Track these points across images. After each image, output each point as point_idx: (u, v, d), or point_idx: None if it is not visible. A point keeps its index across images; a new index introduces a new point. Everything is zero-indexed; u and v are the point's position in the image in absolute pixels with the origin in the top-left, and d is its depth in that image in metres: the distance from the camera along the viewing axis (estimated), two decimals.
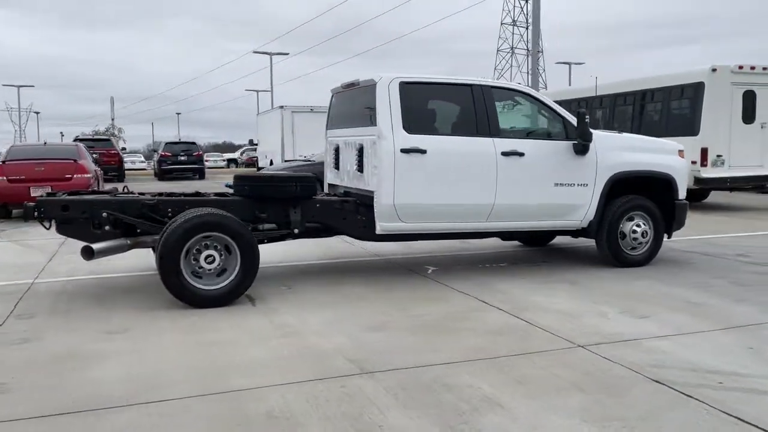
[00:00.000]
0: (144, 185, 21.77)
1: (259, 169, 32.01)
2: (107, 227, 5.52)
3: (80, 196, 5.84)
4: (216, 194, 6.45)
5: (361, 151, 6.30)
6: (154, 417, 3.15)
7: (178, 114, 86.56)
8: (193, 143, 30.18)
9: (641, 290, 5.83)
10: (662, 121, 12.97)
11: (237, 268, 5.32)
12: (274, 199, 5.97)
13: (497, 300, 5.47)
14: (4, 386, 3.55)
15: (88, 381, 3.63)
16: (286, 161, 22.11)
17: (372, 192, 6.08)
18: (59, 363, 3.94)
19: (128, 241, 5.57)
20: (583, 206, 6.64)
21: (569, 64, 55.03)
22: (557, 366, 3.85)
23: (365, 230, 6.25)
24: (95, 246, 5.28)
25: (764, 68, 12.54)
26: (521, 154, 6.30)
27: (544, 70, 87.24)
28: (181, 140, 30.81)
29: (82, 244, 5.43)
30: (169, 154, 28.29)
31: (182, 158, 28.26)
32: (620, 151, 6.78)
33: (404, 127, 5.95)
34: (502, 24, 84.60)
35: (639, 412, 3.19)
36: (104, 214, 5.52)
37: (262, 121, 31.39)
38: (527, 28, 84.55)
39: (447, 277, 6.39)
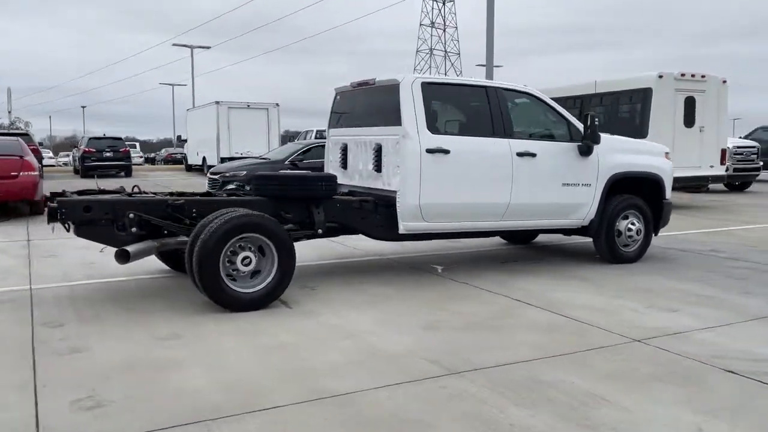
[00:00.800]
0: (72, 183, 20.62)
1: (191, 167, 31.06)
2: (133, 229, 5.25)
3: (102, 196, 5.52)
4: (228, 194, 6.28)
5: (379, 151, 6.29)
6: (280, 425, 3.06)
7: (83, 107, 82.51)
8: (119, 139, 28.83)
9: (648, 285, 6.14)
10: (611, 124, 13.62)
11: (274, 270, 5.20)
12: (298, 199, 5.88)
13: (524, 297, 5.62)
14: (94, 399, 3.34)
15: (180, 391, 3.47)
16: (236, 157, 21.62)
17: (393, 192, 6.10)
18: (133, 373, 3.74)
19: (156, 243, 5.32)
20: (586, 205, 6.93)
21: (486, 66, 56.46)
22: (631, 360, 4.03)
23: (382, 230, 6.26)
24: (131, 249, 5.01)
25: (702, 76, 13.43)
26: (533, 155, 6.50)
27: (460, 72, 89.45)
28: (106, 135, 29.29)
29: (47, 245, 5.15)
30: (93, 150, 26.90)
31: (108, 154, 26.94)
32: (618, 153, 7.11)
33: (428, 127, 6.00)
34: (421, 25, 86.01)
35: (733, 401, 3.40)
36: (131, 215, 5.24)
37: (193, 117, 30.47)
38: (444, 30, 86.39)
39: (461, 276, 6.49)
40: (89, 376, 3.67)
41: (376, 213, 6.23)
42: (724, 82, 13.79)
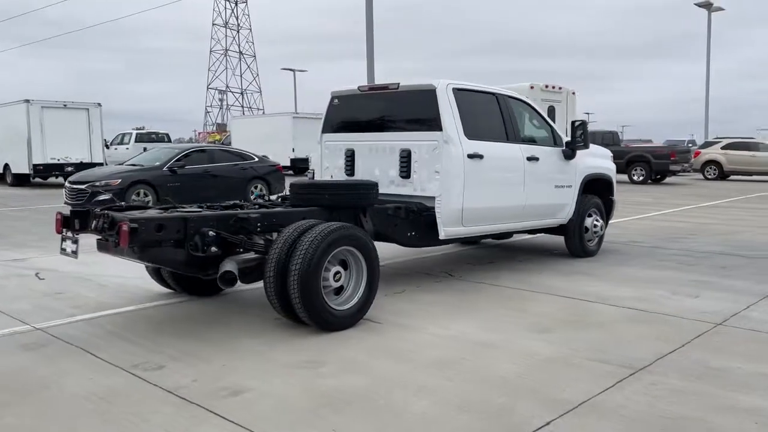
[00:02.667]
0: None
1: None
2: (213, 248, 4.57)
3: (171, 213, 4.71)
4: (270, 204, 5.78)
5: (407, 157, 6.19)
6: None
7: None
8: None
9: (638, 275, 6.83)
10: None
11: (363, 284, 4.90)
12: (348, 207, 5.58)
13: (566, 293, 5.94)
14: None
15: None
16: (54, 164, 19.01)
17: (429, 198, 6.06)
18: (368, 401, 3.33)
19: (236, 263, 4.69)
20: (568, 205, 7.49)
21: (293, 70, 56.59)
22: (741, 341, 4.52)
23: (413, 237, 6.17)
24: (233, 269, 4.37)
25: (559, 87, 15.03)
26: (537, 159, 6.88)
27: (257, 75, 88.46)
28: None
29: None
30: None
31: None
32: (587, 156, 7.78)
33: (465, 133, 6.06)
34: (213, 25, 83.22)
35: None
36: (211, 233, 4.56)
37: None
38: (238, 31, 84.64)
39: (479, 278, 6.63)
40: (315, 414, 3.20)
41: (407, 220, 6.12)
42: (574, 93, 15.56)
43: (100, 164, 23.00)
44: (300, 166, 27.40)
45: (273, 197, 6.19)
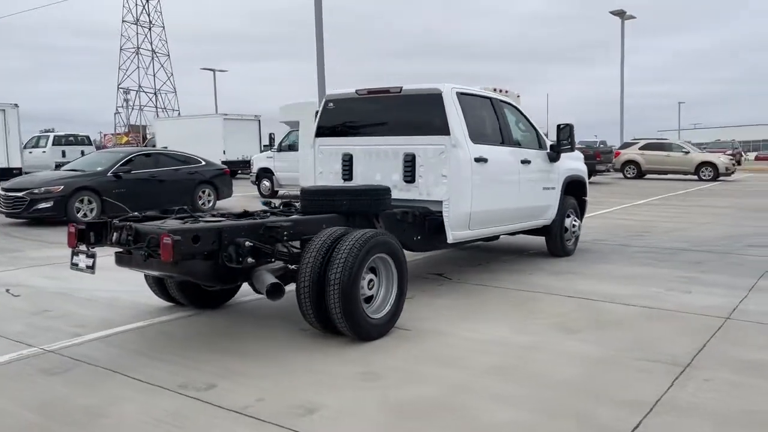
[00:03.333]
0: None
1: None
2: (249, 259, 4.36)
3: (203, 222, 4.44)
4: (283, 211, 5.59)
5: (411, 161, 6.16)
6: None
7: None
8: None
9: (625, 272, 7.10)
10: None
11: (394, 292, 4.84)
12: (364, 213, 5.49)
13: (566, 293, 6.08)
14: None
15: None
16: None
17: (436, 202, 6.06)
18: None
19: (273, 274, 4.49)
20: (553, 206, 7.68)
21: (213, 70, 55.14)
22: (759, 334, 4.79)
23: (419, 241, 6.16)
24: (275, 281, 4.18)
25: (506, 91, 15.38)
26: (529, 162, 7.02)
27: (171, 74, 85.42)
28: None
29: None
30: None
31: None
32: (566, 159, 8.00)
33: (470, 137, 6.10)
34: (123, 22, 79.78)
35: None
36: (247, 243, 4.34)
37: None
38: (150, 28, 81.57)
39: (476, 280, 6.69)
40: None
41: (413, 224, 6.09)
42: (518, 96, 15.99)
43: (18, 169, 21.60)
44: (233, 169, 26.68)
45: (274, 203, 5.94)
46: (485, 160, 6.19)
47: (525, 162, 6.93)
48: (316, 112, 6.98)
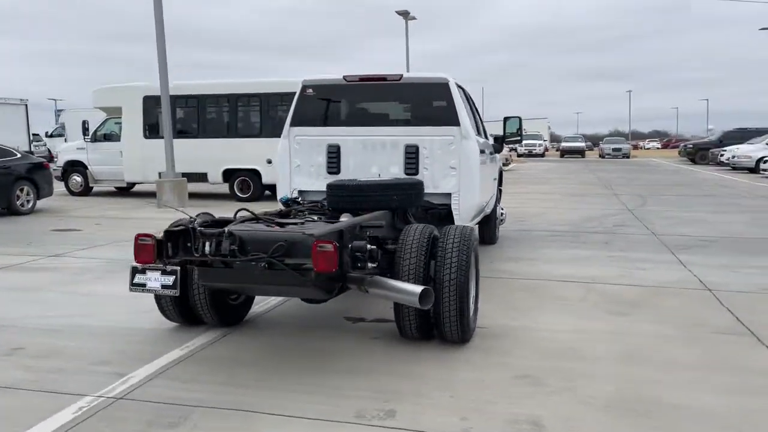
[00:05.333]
0: None
1: None
2: (370, 264, 3.79)
3: (329, 226, 3.69)
4: (319, 210, 4.96)
5: (414, 153, 5.92)
6: None
7: None
8: None
9: (563, 256, 7.66)
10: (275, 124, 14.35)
11: (476, 288, 4.62)
12: (408, 207, 5.16)
13: (557, 277, 6.39)
14: None
15: None
16: None
17: (442, 195, 5.93)
18: None
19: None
20: (494, 195, 7.96)
21: None
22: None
23: None
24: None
25: None
26: (485, 152, 7.16)
27: None
28: None
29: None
30: None
31: None
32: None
33: (472, 127, 6.05)
34: None
35: None
36: (369, 246, 3.77)
37: None
38: None
39: None
40: None
41: (422, 219, 5.88)
42: None
43: None
44: None
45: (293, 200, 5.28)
46: (483, 152, 6.20)
47: (483, 153, 7.05)
48: (294, 97, 6.28)
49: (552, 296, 5.69)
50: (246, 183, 14.71)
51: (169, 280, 3.59)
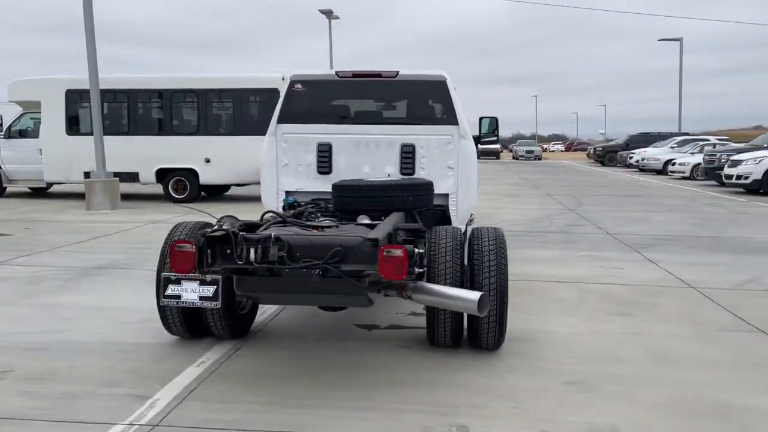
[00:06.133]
0: None
1: None
2: (417, 268, 3.55)
3: (362, 225, 3.40)
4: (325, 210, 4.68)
5: (411, 153, 5.73)
6: None
7: None
8: None
9: (539, 256, 7.72)
10: (236, 120, 13.76)
11: None
12: (419, 208, 4.97)
13: (543, 278, 6.40)
14: None
15: None
16: None
17: (440, 196, 5.75)
18: None
19: None
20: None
21: None
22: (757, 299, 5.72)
23: None
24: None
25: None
26: None
27: None
28: None
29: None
30: None
31: None
32: None
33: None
34: None
35: None
36: (417, 250, 3.53)
37: None
38: None
39: None
40: None
41: (419, 220, 5.70)
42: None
43: None
44: None
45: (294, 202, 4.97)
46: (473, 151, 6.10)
47: None
48: (283, 93, 5.92)
49: (550, 298, 5.66)
50: (182, 183, 13.97)
51: (209, 290, 3.22)
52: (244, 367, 3.87)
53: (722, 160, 19.08)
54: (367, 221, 4.36)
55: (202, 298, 3.25)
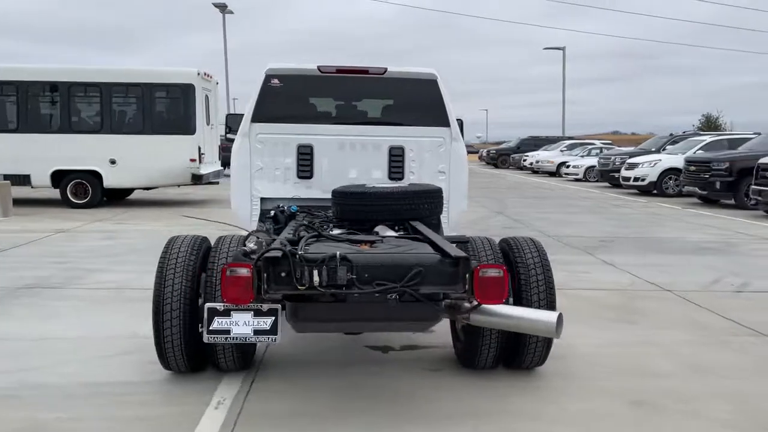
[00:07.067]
0: None
1: None
2: None
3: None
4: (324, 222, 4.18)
5: (400, 156, 5.34)
6: None
7: None
8: None
9: None
10: (145, 118, 12.64)
11: None
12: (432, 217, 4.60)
13: None
14: None
15: None
16: None
17: None
18: None
19: None
20: None
21: None
22: (737, 300, 5.83)
23: None
24: None
25: (211, 76, 13.90)
26: None
27: None
28: None
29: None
30: None
31: None
32: None
33: None
34: None
35: None
36: (474, 262, 3.13)
37: None
38: None
39: None
40: None
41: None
42: (218, 83, 14.76)
43: None
44: None
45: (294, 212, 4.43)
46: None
47: None
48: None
49: None
50: (82, 187, 12.62)
51: (266, 323, 2.68)
52: (270, 407, 3.33)
53: (616, 163, 20.19)
54: (390, 233, 3.93)
55: (257, 332, 2.71)
